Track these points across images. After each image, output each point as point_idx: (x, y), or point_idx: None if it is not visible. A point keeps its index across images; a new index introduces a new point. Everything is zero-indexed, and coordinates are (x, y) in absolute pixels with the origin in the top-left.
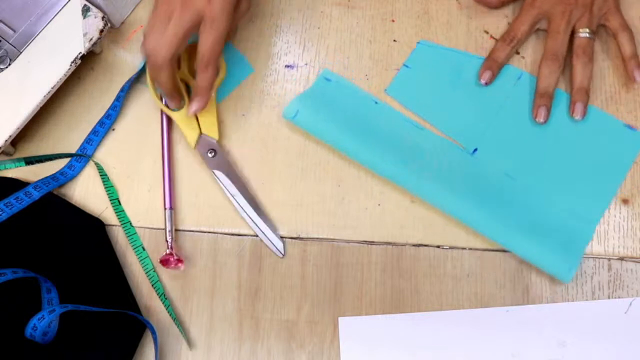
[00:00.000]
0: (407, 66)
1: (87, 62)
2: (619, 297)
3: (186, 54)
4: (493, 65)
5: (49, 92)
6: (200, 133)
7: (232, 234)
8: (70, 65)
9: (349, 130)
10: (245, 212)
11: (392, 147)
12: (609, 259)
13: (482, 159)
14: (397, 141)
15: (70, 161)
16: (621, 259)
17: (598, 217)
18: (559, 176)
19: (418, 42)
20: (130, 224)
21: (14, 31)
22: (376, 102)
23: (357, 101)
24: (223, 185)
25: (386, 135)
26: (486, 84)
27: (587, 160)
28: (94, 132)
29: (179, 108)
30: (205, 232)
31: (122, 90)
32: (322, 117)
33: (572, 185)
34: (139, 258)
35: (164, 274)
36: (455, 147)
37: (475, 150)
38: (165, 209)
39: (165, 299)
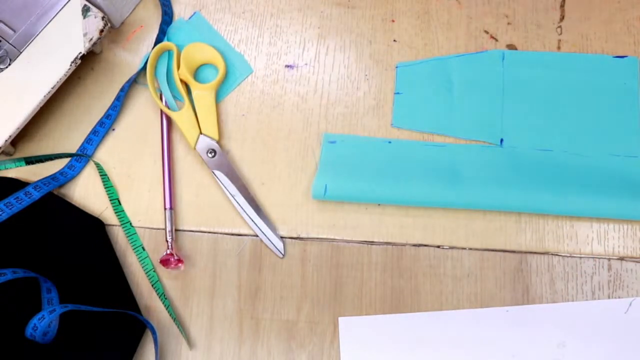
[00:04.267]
0: (398, 93)
1: (87, 62)
2: (619, 297)
3: (186, 54)
4: None
5: (49, 92)
6: (200, 133)
7: (232, 234)
8: (70, 65)
9: (381, 181)
10: (245, 212)
11: (428, 177)
12: (609, 259)
13: (512, 146)
14: (429, 168)
15: (70, 161)
16: (621, 259)
17: (637, 148)
18: (586, 130)
19: (397, 66)
20: (130, 224)
21: (14, 31)
22: (390, 142)
23: (372, 149)
24: (223, 185)
25: (415, 168)
26: None
27: (600, 104)
28: (94, 132)
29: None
30: (205, 232)
31: (122, 90)
32: (351, 182)
33: (600, 132)
34: (139, 258)
35: (164, 274)
36: (483, 147)
37: (502, 140)
38: (165, 209)
39: (165, 299)
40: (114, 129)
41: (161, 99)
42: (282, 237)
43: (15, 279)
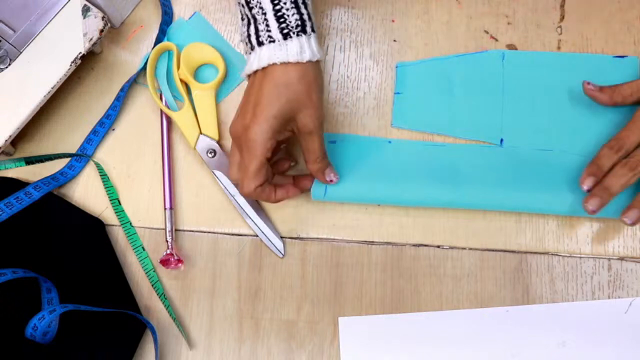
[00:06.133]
0: (398, 93)
1: (87, 62)
2: (619, 297)
3: (186, 54)
4: (597, 172)
5: (49, 92)
6: (200, 133)
7: (232, 234)
8: (70, 65)
9: (381, 181)
10: (245, 212)
11: (428, 177)
12: (609, 259)
13: (512, 146)
14: (429, 168)
15: (70, 161)
16: (621, 259)
17: None
18: (585, 129)
19: (396, 66)
20: (130, 224)
21: (14, 31)
22: (390, 142)
23: (372, 149)
24: (223, 185)
25: (415, 168)
26: (588, 190)
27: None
28: (94, 132)
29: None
30: (205, 232)
31: (122, 90)
32: (351, 182)
33: (600, 132)
34: (139, 258)
35: (164, 274)
36: (483, 147)
37: (502, 140)
38: (165, 209)
39: (165, 299)
40: (114, 129)
41: (161, 99)
42: (282, 237)
43: (15, 279)
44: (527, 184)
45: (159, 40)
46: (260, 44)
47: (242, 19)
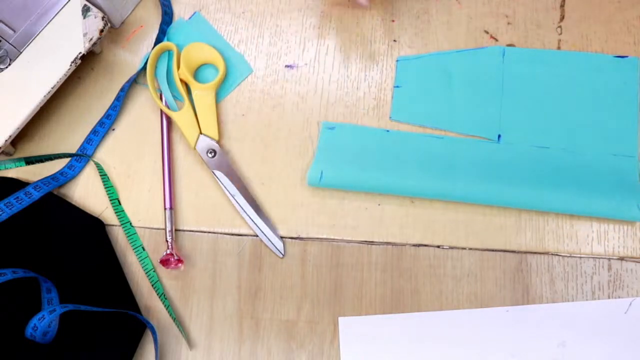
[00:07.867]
0: (398, 86)
1: (87, 62)
2: (619, 297)
3: (186, 54)
4: None
5: (49, 92)
6: (200, 133)
7: (232, 234)
8: (70, 65)
9: (378, 170)
10: (245, 212)
11: (424, 167)
12: (609, 259)
13: (510, 142)
14: (425, 159)
15: (70, 161)
16: (621, 259)
17: (634, 148)
18: (584, 128)
19: (397, 60)
20: (130, 224)
21: (14, 31)
22: (388, 131)
23: (370, 138)
24: (223, 185)
25: (412, 158)
26: None
27: (600, 103)
28: (94, 132)
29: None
30: (205, 232)
31: (122, 90)
32: (347, 169)
33: (598, 131)
34: (139, 258)
35: (164, 274)
36: (480, 142)
37: (500, 136)
38: (165, 209)
39: (165, 299)
40: (114, 129)
41: (161, 99)
42: (282, 237)
43: (15, 279)
44: (523, 180)
45: (159, 40)
46: None
47: None
